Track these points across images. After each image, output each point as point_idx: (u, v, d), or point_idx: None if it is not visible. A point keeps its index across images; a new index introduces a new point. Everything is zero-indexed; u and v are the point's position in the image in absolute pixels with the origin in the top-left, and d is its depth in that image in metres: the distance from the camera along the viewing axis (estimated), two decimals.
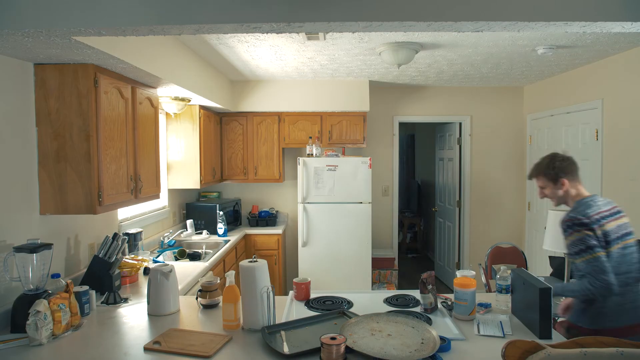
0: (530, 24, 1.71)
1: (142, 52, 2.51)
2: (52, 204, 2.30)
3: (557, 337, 1.84)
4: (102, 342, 1.83)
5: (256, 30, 1.76)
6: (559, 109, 4.54)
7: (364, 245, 4.51)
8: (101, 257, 2.49)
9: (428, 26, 1.73)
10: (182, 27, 1.72)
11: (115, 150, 2.50)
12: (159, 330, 1.96)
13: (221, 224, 4.34)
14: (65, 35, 1.79)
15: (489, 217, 5.45)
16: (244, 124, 4.95)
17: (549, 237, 2.84)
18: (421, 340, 1.71)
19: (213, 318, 2.10)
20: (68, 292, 1.99)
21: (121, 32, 1.77)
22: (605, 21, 1.70)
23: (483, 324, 1.97)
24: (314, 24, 1.69)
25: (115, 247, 2.53)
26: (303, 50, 3.52)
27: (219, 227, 4.34)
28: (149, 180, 2.96)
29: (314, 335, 1.78)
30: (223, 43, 3.28)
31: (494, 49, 3.54)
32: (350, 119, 4.91)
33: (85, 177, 2.29)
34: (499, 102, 5.39)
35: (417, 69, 4.28)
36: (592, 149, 3.98)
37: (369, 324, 1.87)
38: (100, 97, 2.33)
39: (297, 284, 2.36)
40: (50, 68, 2.27)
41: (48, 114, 2.28)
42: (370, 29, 1.76)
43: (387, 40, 3.24)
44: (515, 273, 2.09)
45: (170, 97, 3.62)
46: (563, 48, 3.49)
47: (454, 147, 5.63)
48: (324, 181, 4.47)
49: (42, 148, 2.29)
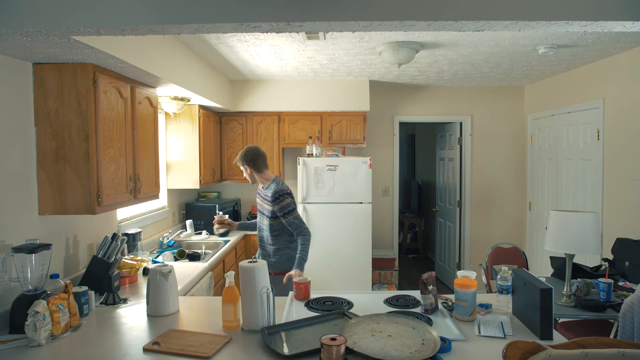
0: (531, 23, 1.71)
1: (142, 51, 2.51)
2: (50, 204, 2.30)
3: (559, 337, 1.84)
4: (101, 343, 1.83)
5: (256, 30, 1.77)
6: (560, 108, 4.54)
7: (364, 245, 4.51)
8: (100, 257, 2.49)
9: (428, 25, 1.73)
10: (182, 27, 1.72)
11: (115, 150, 2.50)
12: (158, 330, 1.96)
13: (188, 225, 4.29)
14: (64, 35, 1.79)
15: (490, 217, 5.45)
16: (243, 124, 4.95)
17: (550, 237, 2.84)
18: (422, 341, 1.71)
19: (213, 319, 2.10)
20: (67, 293, 1.99)
21: (120, 32, 1.77)
22: (607, 20, 1.70)
23: (484, 324, 1.97)
24: (314, 23, 1.69)
25: (114, 247, 2.53)
26: (303, 49, 3.52)
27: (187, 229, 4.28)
28: (148, 180, 2.96)
29: (314, 336, 1.78)
30: (223, 42, 3.28)
31: (495, 49, 3.54)
32: (350, 118, 4.91)
33: (84, 177, 2.29)
34: (500, 101, 5.39)
35: (417, 68, 4.28)
36: (594, 149, 3.98)
37: (369, 324, 1.87)
38: (99, 97, 2.33)
39: (296, 283, 2.36)
40: (49, 67, 2.27)
41: (47, 113, 2.28)
42: (370, 28, 1.76)
43: (387, 39, 3.24)
44: (516, 273, 2.09)
45: (169, 97, 3.62)
46: (564, 47, 3.49)
47: (454, 147, 5.63)
48: (324, 181, 4.47)
49: (41, 148, 2.29)
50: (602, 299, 2.71)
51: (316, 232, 4.48)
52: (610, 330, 2.83)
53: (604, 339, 1.33)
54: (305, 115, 4.91)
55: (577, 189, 4.26)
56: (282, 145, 4.95)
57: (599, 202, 3.89)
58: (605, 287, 2.71)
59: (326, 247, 4.49)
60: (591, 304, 2.62)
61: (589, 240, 2.58)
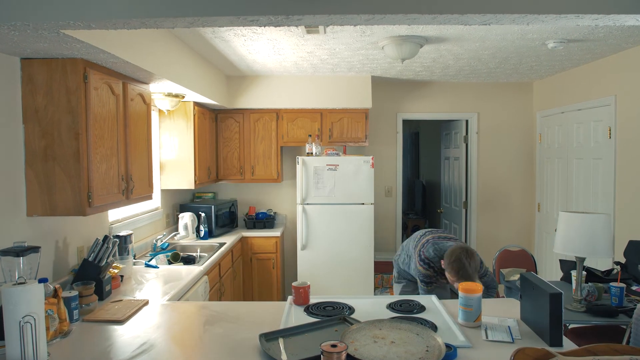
0: (540, 16, 1.71)
1: (134, 46, 2.51)
2: (39, 205, 2.30)
3: (569, 344, 1.85)
4: (91, 350, 1.83)
5: (253, 24, 1.77)
6: (570, 105, 4.55)
7: (366, 248, 4.51)
8: (91, 260, 2.49)
9: (433, 19, 1.73)
10: (176, 20, 1.72)
11: (106, 149, 2.50)
12: (152, 334, 1.96)
13: (202, 225, 4.30)
14: (53, 29, 1.79)
15: (497, 218, 5.45)
16: (240, 122, 4.95)
17: (559, 239, 2.84)
18: (426, 348, 1.71)
19: None
20: (56, 298, 1.99)
21: (112, 25, 1.77)
22: (619, 14, 1.70)
23: (491, 329, 1.97)
24: (314, 16, 1.69)
25: (105, 250, 2.53)
26: (302, 44, 3.53)
27: (200, 230, 4.29)
28: (141, 181, 2.96)
29: (314, 343, 1.78)
30: (218, 37, 3.28)
31: (502, 43, 3.54)
32: (351, 116, 4.91)
33: (74, 177, 2.29)
34: (508, 98, 5.39)
35: (421, 63, 4.28)
36: (605, 148, 3.98)
37: (372, 330, 1.87)
38: (90, 94, 2.33)
39: (296, 288, 2.36)
40: (37, 63, 2.27)
41: (35, 111, 2.28)
42: (372, 21, 1.76)
43: (390, 33, 3.24)
44: (524, 277, 2.09)
45: (163, 93, 3.62)
46: (574, 42, 3.49)
47: (460, 145, 5.63)
48: (324, 181, 4.47)
49: (30, 147, 2.29)
50: (614, 304, 2.71)
51: (316, 235, 4.48)
52: (622, 336, 2.83)
53: (616, 346, 1.33)
54: (305, 112, 4.91)
55: (588, 189, 4.26)
56: (281, 143, 4.95)
57: (610, 203, 3.89)
58: (617, 292, 2.71)
59: (326, 250, 4.49)
60: (603, 309, 2.62)
61: (600, 242, 2.58)
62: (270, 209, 5.25)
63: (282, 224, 5.27)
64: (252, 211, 5.15)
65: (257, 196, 5.36)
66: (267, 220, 4.96)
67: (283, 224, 5.27)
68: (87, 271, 2.47)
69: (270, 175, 4.98)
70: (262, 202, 5.36)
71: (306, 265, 4.51)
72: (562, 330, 1.84)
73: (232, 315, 2.24)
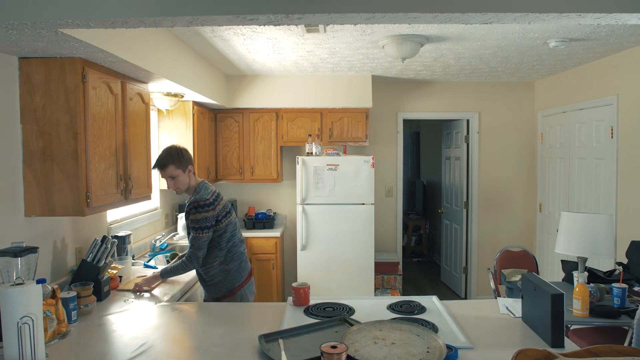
0: (541, 15, 1.71)
1: (133, 45, 2.51)
2: (37, 205, 2.30)
3: (570, 345, 1.85)
4: (90, 351, 1.83)
5: (253, 23, 1.76)
6: (572, 105, 4.55)
7: (366, 248, 4.51)
8: (89, 261, 2.49)
9: (434, 18, 1.73)
10: (175, 19, 1.72)
11: (104, 149, 2.50)
12: (150, 336, 1.96)
13: (180, 227, 4.25)
14: (51, 28, 1.79)
15: (498, 219, 5.45)
16: (239, 121, 4.95)
17: (561, 240, 2.85)
18: (427, 349, 1.71)
19: None
20: (54, 299, 1.99)
21: (110, 24, 1.77)
22: (621, 13, 1.69)
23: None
24: (314, 15, 1.69)
25: (104, 250, 2.53)
26: (302, 43, 3.53)
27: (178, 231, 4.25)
28: (139, 181, 2.96)
29: (314, 344, 1.78)
30: (218, 36, 3.28)
31: (504, 42, 3.54)
32: (352, 115, 4.91)
33: (72, 177, 2.29)
34: (509, 97, 5.39)
35: (422, 63, 4.28)
36: (607, 148, 3.98)
37: (372, 331, 1.87)
38: (89, 93, 2.32)
39: (295, 288, 2.36)
40: (35, 62, 2.27)
41: (33, 110, 2.28)
42: (372, 20, 1.76)
43: (390, 32, 3.24)
44: (526, 278, 2.09)
45: (162, 93, 3.62)
46: (576, 41, 3.49)
47: (461, 145, 5.63)
48: (324, 181, 4.47)
49: (27, 146, 2.29)
50: (616, 304, 2.71)
51: (316, 235, 4.48)
52: (624, 337, 2.83)
53: (618, 347, 1.33)
54: (305, 112, 4.91)
55: (590, 189, 4.26)
56: (281, 143, 4.96)
57: (612, 203, 3.89)
58: (620, 293, 2.71)
59: (326, 250, 4.49)
60: (604, 310, 2.62)
61: (602, 243, 2.58)
62: (269, 209, 5.25)
63: (282, 224, 5.27)
64: (252, 211, 5.15)
65: (256, 196, 5.36)
66: (267, 221, 4.96)
67: (283, 224, 5.27)
68: (86, 272, 2.47)
69: (270, 175, 4.98)
70: (261, 202, 5.36)
71: (306, 265, 4.50)
72: (563, 331, 1.84)
73: (232, 316, 2.24)
